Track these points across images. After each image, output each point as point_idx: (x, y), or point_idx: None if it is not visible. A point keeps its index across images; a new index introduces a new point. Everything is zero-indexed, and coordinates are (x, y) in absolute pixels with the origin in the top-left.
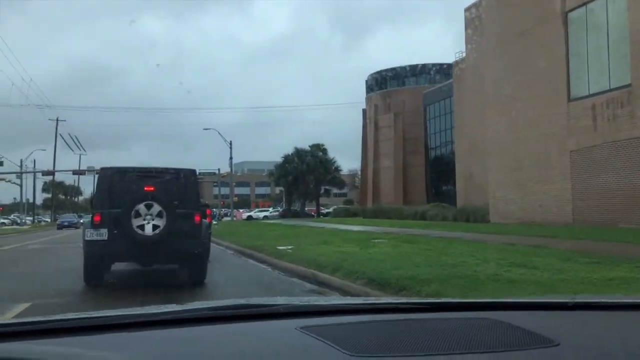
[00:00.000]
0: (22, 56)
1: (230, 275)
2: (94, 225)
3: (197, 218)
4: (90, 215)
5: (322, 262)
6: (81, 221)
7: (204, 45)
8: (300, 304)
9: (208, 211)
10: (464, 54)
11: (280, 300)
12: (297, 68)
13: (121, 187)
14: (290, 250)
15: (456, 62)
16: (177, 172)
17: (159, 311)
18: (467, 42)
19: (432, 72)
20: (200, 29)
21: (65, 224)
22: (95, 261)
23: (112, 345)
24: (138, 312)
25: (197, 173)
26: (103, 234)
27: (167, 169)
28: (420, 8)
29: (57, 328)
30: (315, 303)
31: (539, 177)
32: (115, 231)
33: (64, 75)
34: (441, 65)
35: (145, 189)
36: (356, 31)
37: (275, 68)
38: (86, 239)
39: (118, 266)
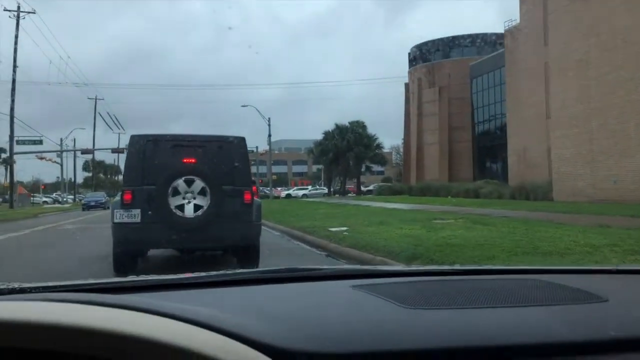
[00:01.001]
0: (61, 35)
1: (283, 265)
2: (124, 205)
3: (247, 196)
4: (120, 193)
5: (390, 248)
6: (108, 198)
7: (245, 22)
8: (348, 267)
9: (254, 188)
10: (517, 22)
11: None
12: (338, 45)
13: (156, 159)
14: (346, 233)
15: (509, 30)
16: (222, 140)
17: (228, 272)
18: (522, 6)
19: (478, 43)
20: (242, 7)
21: (92, 204)
22: (126, 248)
23: (197, 299)
24: (214, 274)
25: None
26: (135, 215)
27: (211, 136)
28: None
29: (153, 285)
30: (364, 267)
31: (613, 150)
32: (150, 212)
33: (103, 55)
34: (488, 35)
35: (185, 161)
36: (397, 6)
37: (315, 45)
38: (115, 221)
39: (153, 252)
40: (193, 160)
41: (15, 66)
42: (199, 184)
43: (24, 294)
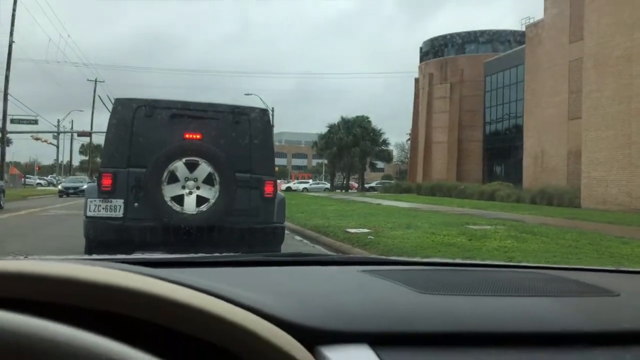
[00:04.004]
0: (63, 14)
1: None
2: (102, 193)
3: (269, 188)
4: (97, 177)
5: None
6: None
7: (257, 14)
8: (355, 255)
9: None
10: (539, 18)
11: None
12: (351, 42)
13: (148, 132)
14: (371, 237)
15: (530, 26)
16: (240, 111)
17: (239, 254)
18: (547, 1)
19: (494, 40)
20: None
21: (70, 191)
22: (103, 250)
23: (213, 277)
24: (225, 255)
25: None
26: (116, 207)
27: (224, 105)
28: None
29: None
30: (370, 256)
31: None
32: (137, 204)
33: (106, 37)
34: (505, 31)
35: (187, 136)
36: (414, 6)
37: (328, 42)
38: (89, 214)
39: None
40: (198, 136)
41: (12, 36)
42: (204, 168)
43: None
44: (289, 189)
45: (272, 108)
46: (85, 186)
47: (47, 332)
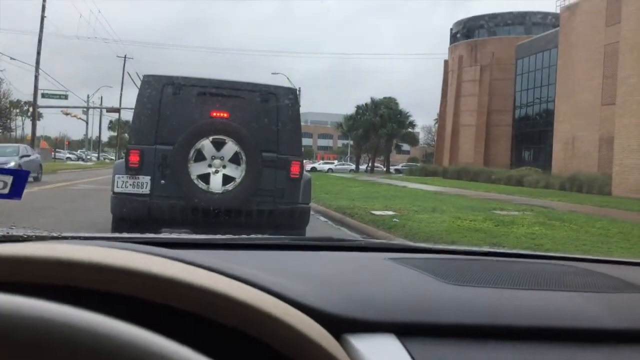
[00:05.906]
0: None
1: None
2: (129, 169)
3: (295, 169)
4: (124, 154)
5: (462, 245)
6: (28, 160)
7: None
8: (382, 241)
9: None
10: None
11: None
12: (382, 25)
13: (175, 110)
14: (396, 220)
15: (566, 8)
16: (268, 90)
17: (263, 237)
18: None
19: (527, 22)
20: None
21: None
22: (129, 227)
23: (235, 259)
24: (258, 236)
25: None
26: (143, 184)
27: (252, 84)
28: None
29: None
30: (396, 242)
31: None
32: (163, 181)
33: (140, 18)
34: (538, 13)
35: (215, 114)
36: None
37: (362, 25)
38: (116, 190)
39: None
40: (225, 115)
41: (44, 11)
42: (231, 147)
43: (63, 240)
44: (313, 169)
45: (299, 88)
46: (12, 164)
47: (66, 317)
